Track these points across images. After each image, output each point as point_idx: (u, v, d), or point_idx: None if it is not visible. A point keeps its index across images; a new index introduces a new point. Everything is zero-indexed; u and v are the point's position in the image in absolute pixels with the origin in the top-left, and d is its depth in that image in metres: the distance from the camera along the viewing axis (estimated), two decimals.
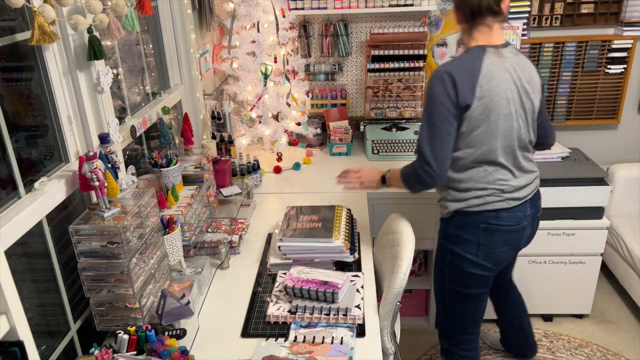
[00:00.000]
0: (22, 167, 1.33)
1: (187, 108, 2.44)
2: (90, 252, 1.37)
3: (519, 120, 1.79)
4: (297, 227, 1.91)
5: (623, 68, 3.06)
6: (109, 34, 1.41)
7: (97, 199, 1.38)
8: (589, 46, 3.03)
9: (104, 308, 1.44)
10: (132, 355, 1.31)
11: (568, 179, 2.63)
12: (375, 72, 2.96)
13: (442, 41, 3.10)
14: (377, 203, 2.56)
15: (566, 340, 2.83)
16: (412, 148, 2.94)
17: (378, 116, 3.10)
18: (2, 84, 1.34)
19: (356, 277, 1.75)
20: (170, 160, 1.84)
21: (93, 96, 1.53)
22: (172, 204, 1.80)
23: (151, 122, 1.99)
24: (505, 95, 1.72)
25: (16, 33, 1.32)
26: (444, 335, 2.14)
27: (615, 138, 3.29)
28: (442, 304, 2.06)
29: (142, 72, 2.10)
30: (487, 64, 1.72)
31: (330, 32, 3.09)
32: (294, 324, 1.57)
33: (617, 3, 2.95)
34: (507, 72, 1.74)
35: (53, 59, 1.41)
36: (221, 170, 2.31)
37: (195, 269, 1.78)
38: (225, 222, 2.12)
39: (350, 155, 3.04)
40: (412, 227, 1.89)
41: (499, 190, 1.80)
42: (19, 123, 1.41)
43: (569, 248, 2.71)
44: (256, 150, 3.03)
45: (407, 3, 2.85)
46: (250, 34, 2.63)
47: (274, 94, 2.77)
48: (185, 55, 2.35)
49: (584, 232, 2.69)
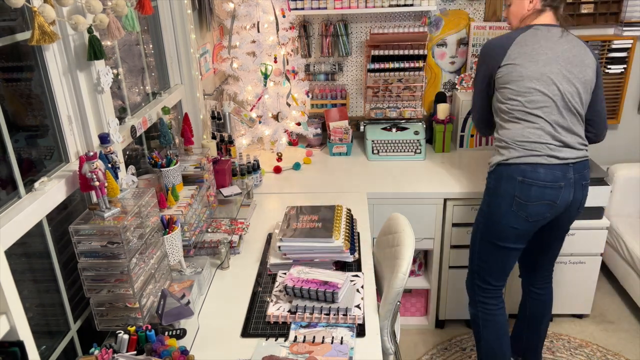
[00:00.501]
0: (22, 167, 1.33)
1: (187, 108, 2.44)
2: (90, 252, 1.37)
3: (564, 83, 1.94)
4: (297, 227, 1.91)
5: (623, 68, 3.06)
6: (109, 34, 1.41)
7: (97, 199, 1.38)
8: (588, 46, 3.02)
9: (104, 308, 1.44)
10: (132, 355, 1.31)
11: None
12: (375, 72, 2.96)
13: (442, 41, 3.10)
14: (377, 203, 2.56)
15: (566, 340, 2.84)
16: (412, 148, 2.94)
17: (378, 116, 3.11)
18: (2, 84, 1.34)
19: (356, 277, 1.75)
20: (170, 160, 1.84)
21: (93, 96, 1.53)
22: (172, 204, 1.80)
23: (151, 122, 1.99)
24: (540, 59, 1.95)
25: (16, 33, 1.32)
26: (469, 284, 2.32)
27: (615, 138, 3.29)
28: (474, 253, 2.25)
29: (142, 72, 2.10)
30: (524, 35, 2.00)
31: (330, 32, 3.09)
32: (294, 324, 1.57)
33: (617, 3, 2.95)
34: (548, 45, 1.97)
35: (53, 59, 1.41)
36: (221, 170, 2.31)
37: (195, 269, 1.78)
38: (225, 222, 2.12)
39: (350, 155, 3.04)
40: (412, 227, 1.89)
41: (539, 144, 1.94)
42: (19, 123, 1.41)
43: (569, 248, 2.71)
44: (256, 150, 3.03)
45: (407, 3, 2.85)
46: (250, 34, 2.63)
47: (274, 94, 2.77)
48: (185, 55, 2.35)
49: (584, 232, 2.69)
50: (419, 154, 2.94)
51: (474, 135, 3.01)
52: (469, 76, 3.06)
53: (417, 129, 2.99)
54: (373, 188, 2.59)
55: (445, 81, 3.20)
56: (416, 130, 2.99)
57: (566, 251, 2.74)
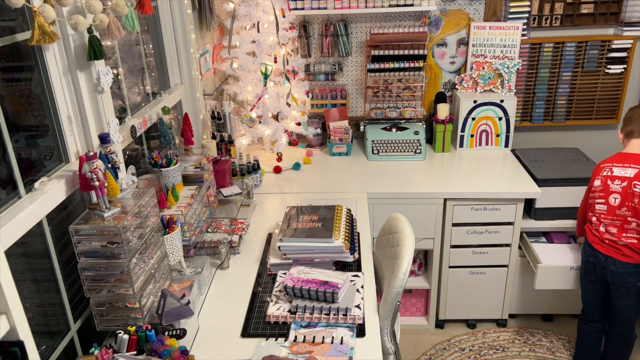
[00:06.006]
0: (22, 167, 1.33)
1: (187, 108, 2.44)
2: (90, 252, 1.37)
3: None
4: (297, 227, 1.91)
5: (623, 68, 3.06)
6: (109, 34, 1.41)
7: (97, 199, 1.38)
8: (588, 46, 3.03)
9: (104, 308, 1.44)
10: (132, 355, 1.31)
11: (568, 179, 2.63)
12: (375, 72, 2.96)
13: (442, 41, 3.10)
14: (377, 203, 2.56)
15: (566, 340, 2.83)
16: (412, 148, 2.94)
17: (378, 116, 3.11)
18: (2, 84, 1.34)
19: (356, 277, 1.75)
20: (170, 160, 1.84)
21: (93, 96, 1.53)
22: (172, 204, 1.80)
23: (151, 122, 1.99)
24: None
25: (16, 33, 1.32)
26: None
27: (615, 138, 3.27)
28: None
29: (142, 72, 2.10)
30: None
31: (330, 32, 3.09)
32: (294, 324, 1.57)
33: (617, 3, 2.95)
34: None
35: (53, 59, 1.41)
36: (221, 170, 2.31)
37: (195, 269, 1.78)
38: (225, 222, 2.12)
39: (350, 155, 3.04)
40: (412, 227, 1.89)
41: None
42: (19, 123, 1.41)
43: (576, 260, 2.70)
44: (256, 150, 3.03)
45: (407, 3, 2.85)
46: (250, 34, 2.63)
47: (274, 94, 2.77)
48: (185, 55, 2.35)
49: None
50: (419, 154, 2.94)
51: (474, 135, 3.02)
52: (468, 76, 3.06)
53: (417, 129, 2.99)
54: (373, 188, 2.59)
55: (445, 81, 3.20)
56: (416, 130, 2.99)
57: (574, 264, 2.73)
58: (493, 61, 3.00)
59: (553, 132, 3.30)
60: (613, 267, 2.22)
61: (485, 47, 3.03)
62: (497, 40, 2.99)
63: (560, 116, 3.19)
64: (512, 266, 2.74)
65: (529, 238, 2.71)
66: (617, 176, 2.19)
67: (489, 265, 2.75)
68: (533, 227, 2.70)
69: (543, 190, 2.56)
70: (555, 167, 2.75)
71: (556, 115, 3.19)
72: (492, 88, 3.02)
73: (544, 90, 3.14)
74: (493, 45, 3.01)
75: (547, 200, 2.62)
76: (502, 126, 2.98)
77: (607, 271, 2.24)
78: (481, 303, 2.85)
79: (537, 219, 2.69)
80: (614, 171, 2.21)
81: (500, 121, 2.97)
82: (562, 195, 2.63)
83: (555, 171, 2.70)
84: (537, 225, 2.69)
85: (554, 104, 3.17)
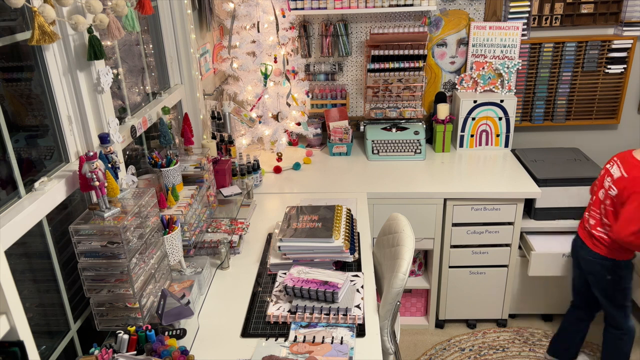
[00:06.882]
0: (22, 167, 1.33)
1: (187, 108, 2.44)
2: (90, 252, 1.37)
3: None
4: (297, 227, 1.91)
5: (623, 68, 3.06)
6: (109, 34, 1.41)
7: (97, 199, 1.38)
8: (588, 46, 3.03)
9: (104, 308, 1.44)
10: (132, 355, 1.31)
11: (568, 179, 2.63)
12: (375, 72, 2.96)
13: (442, 41, 3.10)
14: (377, 203, 2.56)
15: None
16: (412, 148, 2.94)
17: (378, 116, 3.11)
18: (2, 84, 1.34)
19: (356, 277, 1.75)
20: (170, 160, 1.84)
21: (93, 96, 1.53)
22: (172, 204, 1.80)
23: (151, 122, 1.99)
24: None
25: (16, 33, 1.32)
26: None
27: (615, 138, 3.29)
28: None
29: (142, 72, 2.10)
30: None
31: (330, 32, 3.09)
32: (294, 324, 1.57)
33: (617, 3, 2.95)
34: None
35: (53, 59, 1.41)
36: (221, 170, 2.31)
37: (195, 269, 1.78)
38: (225, 222, 2.12)
39: (350, 155, 3.04)
40: (412, 227, 1.89)
41: None
42: (19, 123, 1.41)
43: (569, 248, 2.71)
44: (256, 150, 3.03)
45: (407, 3, 2.85)
46: (250, 34, 2.63)
47: (274, 94, 2.77)
48: (185, 55, 2.35)
49: None
50: (419, 154, 2.94)
51: (474, 135, 3.02)
52: (468, 76, 3.06)
53: (417, 129, 2.99)
54: (373, 188, 2.59)
55: (445, 81, 3.20)
56: (416, 130, 2.99)
57: (567, 251, 2.73)
58: (493, 61, 3.00)
59: (553, 132, 3.30)
60: (583, 253, 2.32)
61: (485, 47, 3.03)
62: (497, 40, 3.00)
63: (560, 116, 3.19)
64: (512, 266, 2.74)
65: (528, 237, 2.72)
66: (612, 173, 2.20)
67: (489, 265, 2.75)
68: (533, 227, 2.70)
69: (543, 190, 2.57)
70: (555, 167, 2.75)
71: (556, 115, 3.19)
72: (492, 88, 3.02)
73: (544, 90, 3.14)
74: (493, 45, 3.01)
75: (547, 200, 2.62)
76: (502, 126, 2.99)
77: (581, 257, 2.36)
78: (481, 303, 2.85)
79: (537, 219, 2.69)
80: (613, 167, 2.21)
81: (500, 121, 2.97)
82: (562, 195, 2.63)
83: (555, 171, 2.70)
84: (537, 225, 2.70)
85: (554, 104, 3.17)
